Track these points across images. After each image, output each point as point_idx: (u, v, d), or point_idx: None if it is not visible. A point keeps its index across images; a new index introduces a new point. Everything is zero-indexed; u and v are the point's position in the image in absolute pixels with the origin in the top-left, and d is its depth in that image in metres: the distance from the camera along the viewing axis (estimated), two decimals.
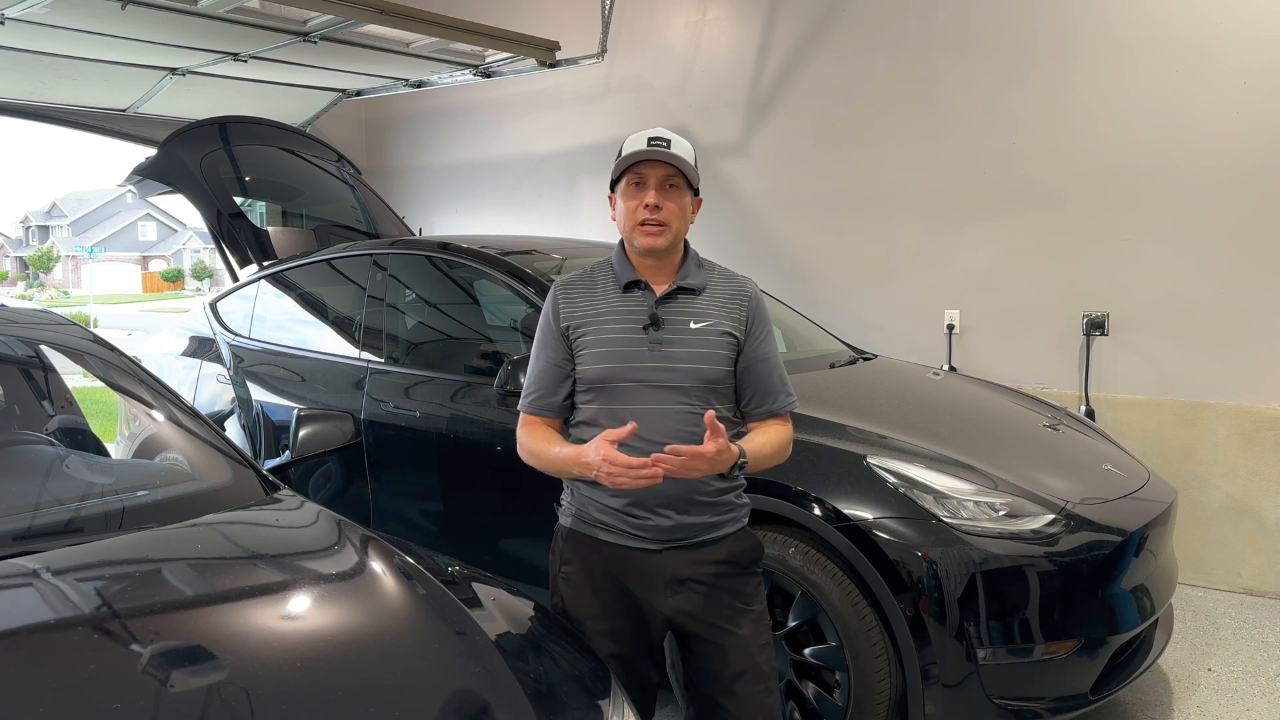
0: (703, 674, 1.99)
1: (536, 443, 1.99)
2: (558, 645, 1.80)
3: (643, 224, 1.92)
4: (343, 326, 4.09)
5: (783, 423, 2.02)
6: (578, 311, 1.99)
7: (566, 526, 2.05)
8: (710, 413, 1.78)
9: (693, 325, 1.94)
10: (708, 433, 1.76)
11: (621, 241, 2.03)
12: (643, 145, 1.91)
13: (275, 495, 2.23)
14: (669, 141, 1.91)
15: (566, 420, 2.05)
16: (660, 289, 1.97)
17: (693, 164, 1.94)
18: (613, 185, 2.00)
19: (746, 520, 2.05)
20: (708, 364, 1.92)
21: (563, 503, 2.08)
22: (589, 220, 6.68)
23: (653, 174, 1.91)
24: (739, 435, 1.97)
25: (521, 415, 2.05)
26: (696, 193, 1.99)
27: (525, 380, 2.05)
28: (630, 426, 1.79)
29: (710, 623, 1.95)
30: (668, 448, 1.75)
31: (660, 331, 1.93)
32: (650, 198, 1.91)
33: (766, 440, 1.95)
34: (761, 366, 1.99)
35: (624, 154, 1.94)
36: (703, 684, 2.00)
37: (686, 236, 2.01)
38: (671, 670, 2.22)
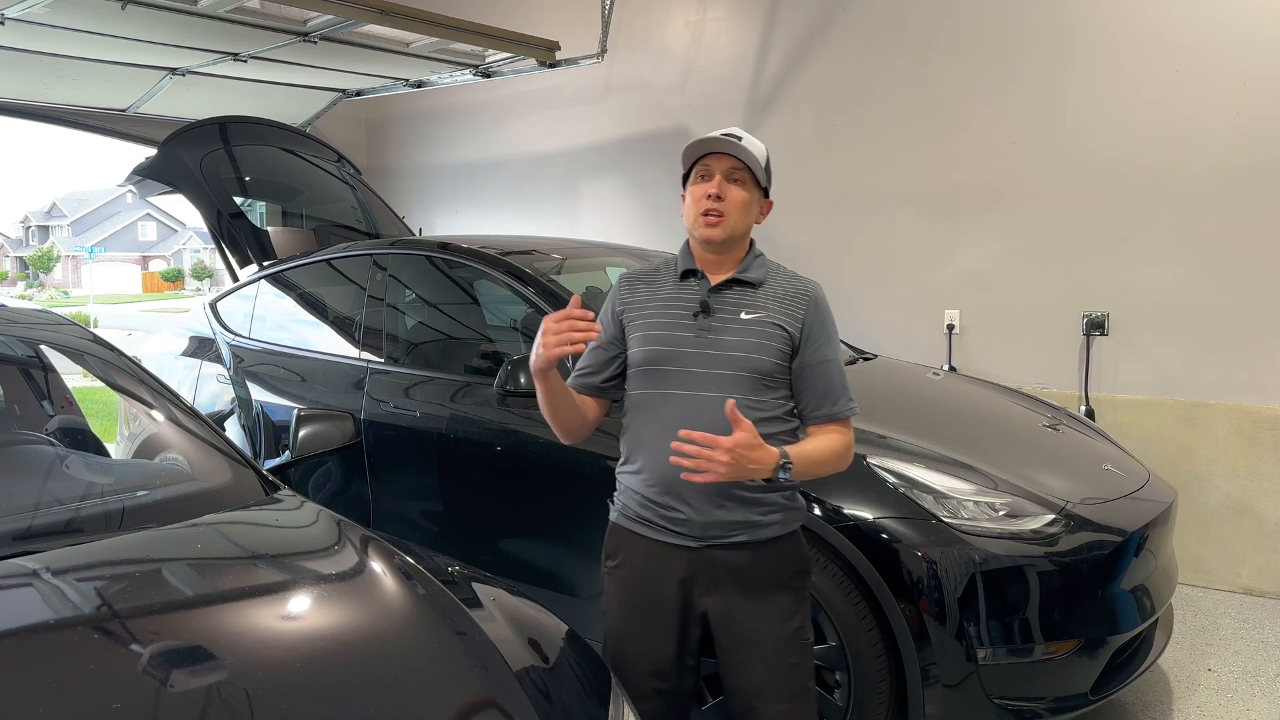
0: (730, 681, 1.96)
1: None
2: (559, 645, 1.80)
3: (705, 214, 1.92)
4: (343, 326, 4.09)
5: (842, 429, 1.94)
6: (633, 298, 2.02)
7: (613, 521, 2.04)
8: (730, 402, 1.72)
9: (744, 316, 1.92)
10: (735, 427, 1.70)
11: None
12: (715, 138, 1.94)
13: (275, 495, 2.22)
14: (740, 138, 1.93)
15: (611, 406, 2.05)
16: (717, 280, 1.97)
17: (763, 164, 1.95)
18: (684, 181, 2.00)
19: (797, 525, 1.99)
20: (755, 354, 1.88)
21: (615, 499, 2.06)
22: (589, 220, 6.67)
23: (718, 166, 1.93)
24: (792, 435, 1.93)
25: None
26: (767, 194, 1.99)
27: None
28: (574, 298, 1.79)
29: (739, 631, 1.91)
30: (681, 432, 1.71)
31: (709, 319, 1.92)
32: (713, 187, 1.91)
33: (819, 446, 1.88)
34: (821, 369, 1.93)
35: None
36: (730, 692, 1.97)
37: (753, 236, 2.01)
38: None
